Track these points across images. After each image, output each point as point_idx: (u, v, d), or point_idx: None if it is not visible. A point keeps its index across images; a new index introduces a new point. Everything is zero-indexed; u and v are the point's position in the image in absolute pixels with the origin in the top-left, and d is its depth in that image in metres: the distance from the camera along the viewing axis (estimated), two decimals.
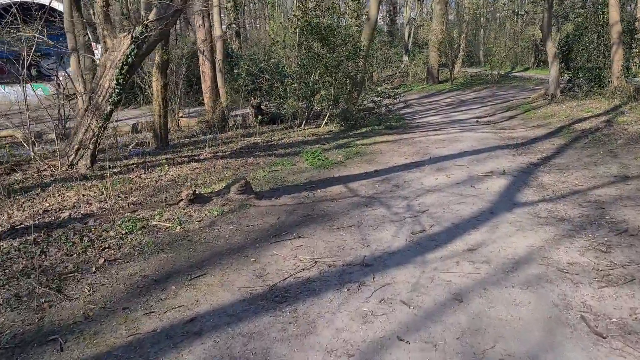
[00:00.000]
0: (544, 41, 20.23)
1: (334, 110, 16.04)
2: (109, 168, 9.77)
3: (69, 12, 17.03)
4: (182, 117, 18.62)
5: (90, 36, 28.39)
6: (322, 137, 13.72)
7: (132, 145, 13.14)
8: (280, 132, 14.81)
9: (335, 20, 15.97)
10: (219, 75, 18.47)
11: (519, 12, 33.32)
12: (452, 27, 32.69)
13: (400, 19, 42.53)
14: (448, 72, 30.15)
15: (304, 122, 15.86)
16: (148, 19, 9.63)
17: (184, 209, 6.54)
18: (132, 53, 9.46)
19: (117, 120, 19.46)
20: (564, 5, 24.15)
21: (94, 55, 29.35)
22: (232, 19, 31.78)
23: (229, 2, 31.61)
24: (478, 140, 12.44)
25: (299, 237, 5.96)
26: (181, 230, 5.98)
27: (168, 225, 6.03)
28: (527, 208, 7.05)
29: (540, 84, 25.38)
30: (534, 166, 9.66)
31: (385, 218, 6.67)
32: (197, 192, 6.80)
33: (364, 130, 14.62)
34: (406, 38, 36.17)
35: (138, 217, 6.24)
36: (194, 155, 11.10)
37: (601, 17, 19.25)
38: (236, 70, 21.38)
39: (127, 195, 7.44)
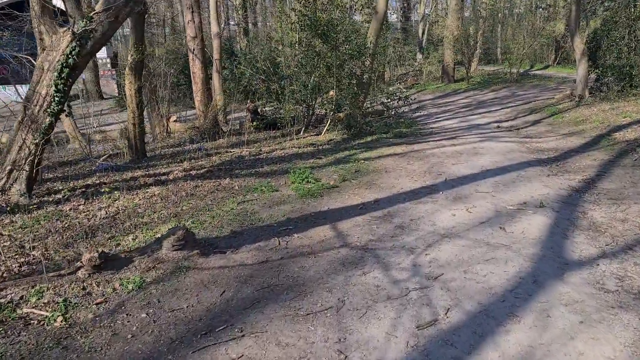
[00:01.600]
0: (571, 37, 17.56)
1: (339, 114, 13.73)
2: (48, 194, 7.63)
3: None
4: (175, 121, 16.47)
5: None
6: (321, 147, 11.41)
7: (103, 157, 11.00)
8: (274, 141, 12.53)
9: (339, 15, 13.56)
10: (215, 76, 16.27)
11: (541, 6, 30.35)
12: (469, 23, 29.94)
13: (414, 15, 39.78)
14: (464, 70, 27.46)
15: (303, 128, 13.56)
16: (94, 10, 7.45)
17: (83, 281, 4.33)
18: (74, 52, 7.27)
19: (107, 125, 17.46)
20: None
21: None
22: (240, 17, 29.58)
23: None
24: (502, 154, 10.03)
25: (243, 335, 3.70)
26: (62, 323, 3.76)
27: (45, 313, 3.83)
28: (584, 272, 4.70)
29: (562, 83, 22.70)
30: (577, 193, 7.26)
31: (379, 291, 4.38)
32: (106, 253, 4.56)
33: (369, 139, 12.27)
34: (420, 35, 33.48)
35: (1, 300, 4.04)
36: (163, 175, 8.91)
37: (633, 10, 16.66)
38: (240, 69, 19.12)
39: (32, 246, 5.25)
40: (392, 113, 15.29)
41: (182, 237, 4.72)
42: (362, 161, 9.68)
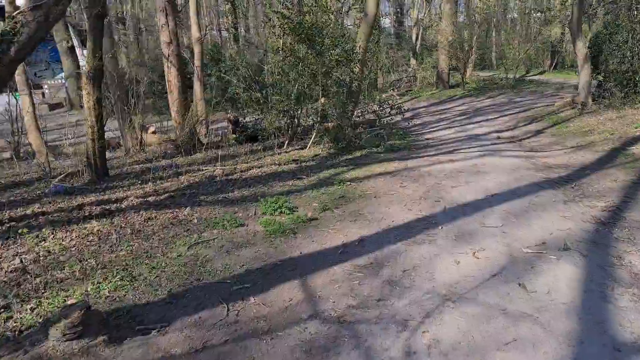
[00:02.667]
0: (573, 41, 16.18)
1: (327, 125, 12.25)
2: None
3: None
4: (154, 132, 14.97)
5: (75, 40, 24.87)
6: (304, 164, 9.92)
7: (59, 177, 9.50)
8: (254, 157, 11.03)
9: (324, 19, 12.09)
10: (197, 84, 14.82)
11: (540, 10, 28.80)
12: (463, 28, 28.51)
13: (407, 20, 38.30)
14: (459, 76, 26.01)
15: (287, 141, 12.07)
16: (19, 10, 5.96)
17: None
18: None
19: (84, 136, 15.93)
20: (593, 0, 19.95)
21: (78, 60, 25.80)
22: (230, 23, 28.10)
23: (227, 4, 27.96)
24: (508, 172, 8.56)
25: None
26: None
27: None
28: None
29: (560, 89, 21.28)
30: (604, 228, 5.80)
31: None
32: None
33: (358, 153, 10.79)
34: (414, 40, 31.97)
35: None
36: (116, 201, 7.41)
37: (636, 13, 15.30)
38: (226, 77, 17.63)
39: None
40: (384, 123, 13.82)
41: (78, 322, 3.23)
42: (349, 183, 8.19)
